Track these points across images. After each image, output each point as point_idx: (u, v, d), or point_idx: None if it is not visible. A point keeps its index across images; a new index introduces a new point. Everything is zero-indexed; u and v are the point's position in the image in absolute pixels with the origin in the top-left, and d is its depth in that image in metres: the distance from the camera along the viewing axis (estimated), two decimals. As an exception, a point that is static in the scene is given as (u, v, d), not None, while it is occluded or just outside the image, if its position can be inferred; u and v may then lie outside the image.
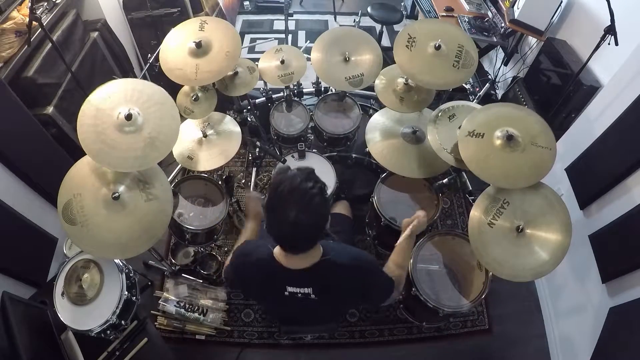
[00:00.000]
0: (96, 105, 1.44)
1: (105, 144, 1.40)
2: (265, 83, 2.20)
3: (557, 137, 2.14)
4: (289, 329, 1.60)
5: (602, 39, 1.78)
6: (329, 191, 1.93)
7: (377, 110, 2.16)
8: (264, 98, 2.38)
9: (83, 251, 1.59)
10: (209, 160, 1.88)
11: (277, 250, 1.16)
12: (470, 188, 2.19)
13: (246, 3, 4.18)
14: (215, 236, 2.01)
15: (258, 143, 1.97)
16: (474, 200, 1.58)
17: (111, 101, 1.45)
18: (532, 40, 2.68)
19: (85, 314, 1.51)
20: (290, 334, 1.93)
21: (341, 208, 1.98)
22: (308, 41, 3.58)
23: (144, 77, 2.33)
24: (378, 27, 3.33)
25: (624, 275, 1.66)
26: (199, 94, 1.91)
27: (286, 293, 1.18)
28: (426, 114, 1.96)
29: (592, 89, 2.06)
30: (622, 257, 1.67)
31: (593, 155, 1.94)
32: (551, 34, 2.49)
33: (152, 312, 2.06)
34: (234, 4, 3.94)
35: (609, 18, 1.72)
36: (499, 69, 3.08)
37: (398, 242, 1.46)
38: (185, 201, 1.92)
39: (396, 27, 3.94)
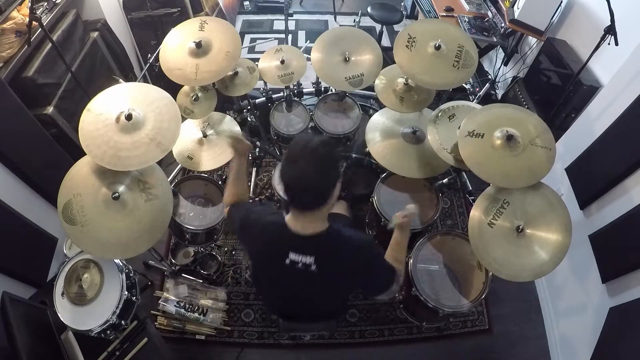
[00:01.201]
0: (96, 110, 1.44)
1: (108, 145, 1.40)
2: (265, 83, 2.20)
3: (557, 137, 2.15)
4: (288, 326, 1.59)
5: (602, 39, 1.78)
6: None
7: (377, 110, 2.16)
8: (264, 98, 2.39)
9: (83, 251, 1.59)
10: (209, 160, 1.88)
11: (288, 216, 1.20)
12: (470, 188, 2.19)
13: (246, 3, 4.18)
14: (215, 236, 2.02)
15: (258, 143, 1.97)
16: (474, 200, 1.58)
17: (110, 104, 1.45)
18: (532, 40, 2.68)
19: (85, 314, 1.51)
20: (290, 332, 1.93)
21: (340, 208, 1.97)
22: (308, 41, 3.57)
23: (144, 77, 2.33)
24: (378, 27, 3.33)
25: (624, 275, 1.66)
26: (199, 94, 1.91)
27: (287, 261, 1.19)
28: (426, 114, 1.96)
29: (592, 89, 2.06)
30: (622, 257, 1.67)
31: (593, 155, 1.94)
32: (551, 34, 2.49)
33: (152, 312, 2.06)
34: (234, 4, 3.94)
35: (609, 18, 1.72)
36: (499, 69, 3.08)
37: (393, 236, 1.46)
38: (185, 201, 1.92)
39: (396, 27, 3.94)
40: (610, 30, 1.73)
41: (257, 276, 1.52)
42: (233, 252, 2.37)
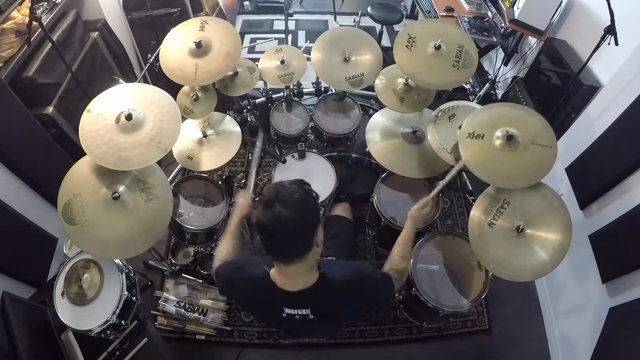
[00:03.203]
0: (96, 110, 1.44)
1: (108, 146, 1.40)
2: (265, 83, 2.20)
3: (557, 137, 2.14)
4: (287, 337, 1.58)
5: (602, 39, 1.78)
6: (329, 190, 1.92)
7: (377, 110, 2.16)
8: (264, 98, 2.38)
9: (83, 251, 1.59)
10: (209, 160, 1.88)
11: (273, 271, 1.13)
12: (470, 188, 2.18)
13: (246, 3, 4.18)
14: (215, 236, 2.01)
15: (258, 143, 1.96)
16: (474, 200, 1.58)
17: (110, 104, 1.45)
18: (532, 40, 2.68)
19: (85, 314, 1.51)
20: (290, 339, 1.94)
21: (342, 210, 1.98)
22: (308, 41, 3.57)
23: (144, 77, 2.33)
24: (378, 27, 3.33)
25: (624, 275, 1.66)
26: (199, 94, 1.91)
27: (284, 315, 1.15)
28: (426, 114, 1.96)
29: (592, 89, 2.06)
30: (622, 257, 1.67)
31: (593, 155, 1.94)
32: (551, 34, 2.49)
33: (152, 312, 2.07)
34: (234, 4, 3.94)
35: (609, 18, 1.72)
36: (499, 69, 3.08)
37: (402, 232, 1.45)
38: (185, 201, 1.92)
39: (396, 27, 3.94)
40: (610, 30, 1.73)
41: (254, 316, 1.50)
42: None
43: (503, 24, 2.70)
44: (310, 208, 1.04)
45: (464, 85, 2.73)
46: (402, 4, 4.10)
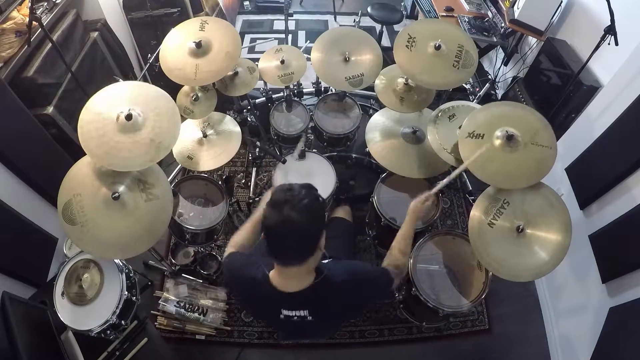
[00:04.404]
0: (95, 110, 1.44)
1: (108, 146, 1.40)
2: (265, 83, 2.20)
3: (557, 137, 2.14)
4: (287, 338, 1.57)
5: (602, 39, 1.78)
6: (329, 190, 1.93)
7: (377, 110, 2.16)
8: (264, 98, 2.38)
9: (83, 251, 1.59)
10: (209, 160, 1.88)
11: (272, 273, 1.14)
12: (470, 188, 2.19)
13: (246, 3, 4.18)
14: (215, 236, 2.01)
15: (258, 143, 1.97)
16: (474, 200, 1.58)
17: (110, 104, 1.45)
18: (532, 40, 2.68)
19: (85, 314, 1.51)
20: (289, 340, 1.94)
21: (342, 212, 1.98)
22: (308, 41, 3.57)
23: (144, 77, 2.33)
24: (378, 27, 3.33)
25: (624, 275, 1.66)
26: (199, 94, 1.91)
27: (282, 316, 1.15)
28: (426, 114, 1.96)
29: (592, 89, 2.06)
30: (622, 257, 1.67)
31: (593, 155, 1.94)
32: (551, 34, 2.49)
33: (152, 312, 2.06)
34: (234, 4, 3.94)
35: (609, 18, 1.72)
36: (499, 69, 3.08)
37: (402, 227, 1.45)
38: (185, 201, 1.92)
39: (396, 27, 3.94)
40: (610, 30, 1.73)
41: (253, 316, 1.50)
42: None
43: (503, 24, 2.70)
44: (318, 214, 1.07)
45: (464, 85, 2.72)
46: (402, 4, 4.09)
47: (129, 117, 1.41)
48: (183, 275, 2.21)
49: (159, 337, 1.79)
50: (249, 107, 2.39)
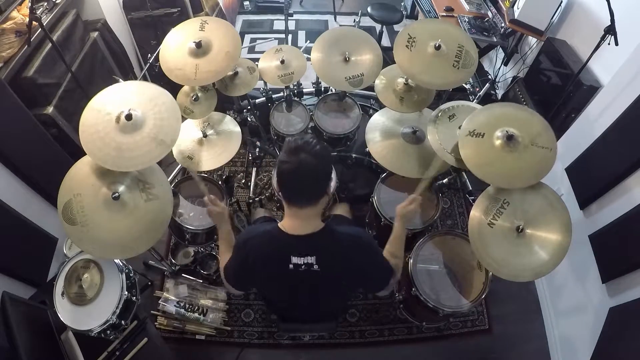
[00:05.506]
0: (96, 110, 1.44)
1: (109, 146, 1.40)
2: (265, 83, 2.20)
3: (557, 137, 2.14)
4: (288, 327, 1.58)
5: (602, 39, 1.78)
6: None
7: (377, 110, 2.15)
8: (264, 98, 2.38)
9: (83, 251, 1.59)
10: (209, 160, 1.88)
11: (282, 222, 1.24)
12: (470, 188, 2.18)
13: (246, 3, 4.18)
14: (215, 236, 2.01)
15: (258, 143, 1.97)
16: (474, 200, 1.58)
17: (110, 104, 1.45)
18: (532, 40, 2.68)
19: (85, 314, 1.51)
20: (289, 332, 1.93)
21: (341, 210, 1.97)
22: (308, 41, 3.57)
23: (144, 77, 2.33)
24: (378, 27, 3.33)
25: (624, 275, 1.66)
26: (199, 94, 1.91)
27: (290, 266, 1.20)
28: (426, 114, 1.96)
29: (592, 89, 2.06)
30: (622, 257, 1.67)
31: (593, 155, 1.94)
32: (551, 34, 2.49)
33: (152, 312, 2.07)
34: (234, 4, 3.94)
35: (609, 18, 1.71)
36: (499, 69, 3.08)
37: (393, 230, 1.47)
38: (185, 201, 1.92)
39: (396, 27, 3.94)
40: (610, 30, 1.73)
41: (262, 292, 1.54)
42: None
43: (503, 24, 2.70)
44: (328, 159, 1.21)
45: (464, 85, 2.72)
46: (402, 4, 4.09)
47: (129, 117, 1.41)
48: (183, 275, 2.21)
49: (159, 337, 1.79)
50: (249, 107, 2.39)
